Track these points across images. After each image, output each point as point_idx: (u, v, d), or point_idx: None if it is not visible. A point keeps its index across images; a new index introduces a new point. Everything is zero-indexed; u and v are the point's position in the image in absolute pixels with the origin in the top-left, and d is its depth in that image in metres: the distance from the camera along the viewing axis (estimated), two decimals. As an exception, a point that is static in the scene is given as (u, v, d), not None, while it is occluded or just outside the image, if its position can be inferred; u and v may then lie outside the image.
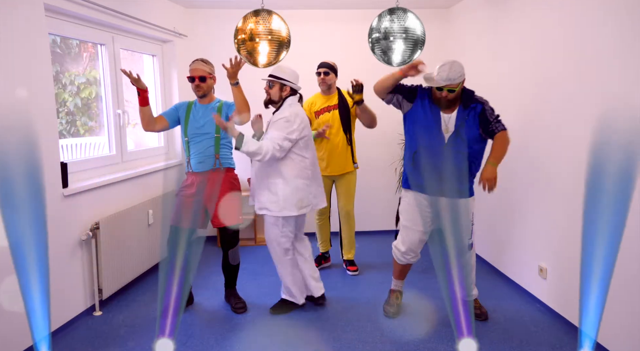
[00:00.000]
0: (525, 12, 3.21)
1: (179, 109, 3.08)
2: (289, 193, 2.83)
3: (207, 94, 3.01)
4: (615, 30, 2.36)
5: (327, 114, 3.59)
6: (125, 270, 3.33)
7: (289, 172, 2.83)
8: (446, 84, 2.56)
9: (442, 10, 4.70)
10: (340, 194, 3.73)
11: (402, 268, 3.05)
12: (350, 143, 3.64)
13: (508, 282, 3.51)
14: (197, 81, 2.94)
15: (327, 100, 3.62)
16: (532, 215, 3.18)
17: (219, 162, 2.98)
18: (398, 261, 2.99)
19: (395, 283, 3.11)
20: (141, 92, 2.88)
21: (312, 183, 2.94)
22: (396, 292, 3.11)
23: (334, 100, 3.61)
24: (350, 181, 3.70)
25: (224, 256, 3.08)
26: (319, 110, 3.62)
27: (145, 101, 2.91)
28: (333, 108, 3.59)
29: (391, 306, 3.04)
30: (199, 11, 4.58)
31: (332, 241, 4.03)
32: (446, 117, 2.68)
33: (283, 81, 2.84)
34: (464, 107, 2.66)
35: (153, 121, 2.99)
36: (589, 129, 2.54)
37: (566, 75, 2.76)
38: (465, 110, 2.66)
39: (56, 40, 3.10)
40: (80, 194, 2.96)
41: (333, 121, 3.57)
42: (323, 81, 3.55)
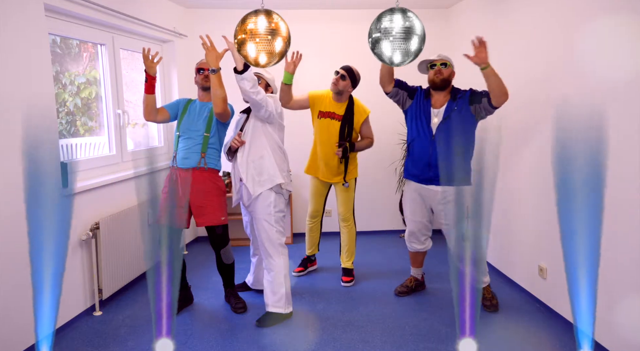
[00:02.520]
0: (525, 12, 3.21)
1: (179, 104, 3.12)
2: (274, 165, 2.92)
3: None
4: (615, 31, 2.36)
5: (330, 120, 3.37)
6: (125, 270, 3.33)
7: (268, 149, 2.92)
8: (439, 58, 2.91)
9: (442, 10, 4.70)
10: (338, 199, 3.58)
11: (413, 256, 3.30)
12: (346, 162, 3.40)
13: (508, 282, 3.51)
14: (206, 71, 2.98)
15: (336, 106, 3.38)
16: (532, 215, 3.18)
17: (204, 161, 2.96)
18: (409, 249, 3.26)
19: (412, 270, 3.38)
20: (149, 79, 2.88)
21: (285, 162, 3.03)
22: (412, 277, 3.38)
23: (342, 110, 3.36)
24: (347, 188, 3.52)
25: (217, 256, 3.08)
26: (324, 112, 3.39)
27: (152, 89, 2.91)
28: (337, 117, 3.36)
29: (402, 286, 3.35)
30: (199, 11, 4.58)
31: (328, 246, 3.99)
32: (436, 111, 2.92)
33: (269, 81, 3.07)
34: (453, 99, 2.89)
35: (155, 110, 2.99)
36: (588, 129, 2.54)
37: (566, 75, 2.76)
38: (454, 101, 2.88)
39: (56, 40, 3.10)
40: (80, 194, 2.96)
41: (331, 132, 3.37)
42: (336, 82, 3.30)
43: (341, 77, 3.30)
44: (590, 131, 1.20)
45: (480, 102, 2.80)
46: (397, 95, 3.02)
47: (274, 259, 2.91)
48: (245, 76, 2.63)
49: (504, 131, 3.55)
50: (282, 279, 2.92)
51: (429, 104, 2.95)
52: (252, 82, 2.67)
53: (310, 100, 3.44)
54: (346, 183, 3.47)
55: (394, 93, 3.02)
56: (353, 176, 3.53)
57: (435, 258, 4.03)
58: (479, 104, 2.80)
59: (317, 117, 3.43)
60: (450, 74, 2.94)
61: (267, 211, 2.90)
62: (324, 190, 3.64)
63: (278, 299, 2.92)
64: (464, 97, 2.87)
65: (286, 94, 3.23)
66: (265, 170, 2.90)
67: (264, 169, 2.90)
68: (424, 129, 2.92)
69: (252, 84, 2.67)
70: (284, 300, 2.93)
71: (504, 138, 3.55)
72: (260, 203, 2.91)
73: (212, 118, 2.97)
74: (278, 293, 2.91)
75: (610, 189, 2.42)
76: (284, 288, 2.92)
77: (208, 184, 2.97)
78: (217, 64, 2.74)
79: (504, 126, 3.53)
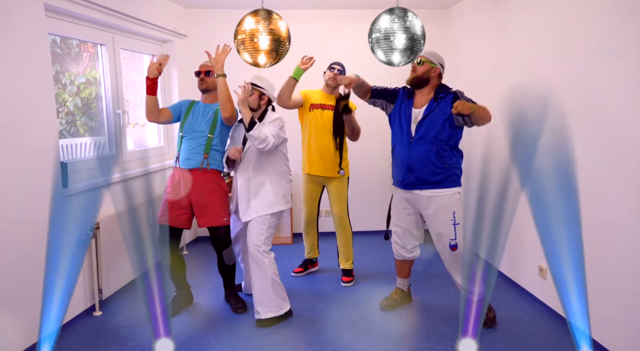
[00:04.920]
0: (524, 13, 3.21)
1: (183, 105, 3.12)
2: (277, 190, 2.94)
3: (211, 90, 3.03)
4: (615, 31, 2.36)
5: (321, 111, 3.47)
6: (125, 270, 3.33)
7: (276, 171, 2.96)
8: (419, 56, 2.80)
9: (442, 10, 4.70)
10: (331, 199, 3.58)
11: (400, 264, 3.13)
12: (340, 148, 3.49)
13: (508, 282, 3.51)
14: (202, 75, 3.00)
15: (327, 98, 3.50)
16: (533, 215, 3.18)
17: (207, 162, 2.96)
18: (395, 256, 3.10)
19: (398, 280, 3.19)
20: (148, 81, 2.88)
21: (287, 183, 3.06)
22: (397, 289, 3.18)
23: (332, 100, 3.49)
24: (339, 185, 3.54)
25: (219, 257, 3.08)
26: (315, 104, 3.49)
27: (153, 90, 2.91)
28: (329, 108, 3.48)
29: (386, 299, 3.14)
30: (199, 11, 4.58)
31: (328, 246, 3.97)
32: (416, 112, 2.81)
33: (262, 90, 2.93)
34: (435, 99, 2.78)
35: (157, 111, 2.99)
36: (588, 129, 2.55)
37: (565, 75, 2.76)
38: (436, 102, 2.77)
39: (56, 40, 3.10)
40: (80, 194, 2.96)
41: (324, 121, 3.46)
42: (334, 77, 3.39)
43: (339, 72, 3.45)
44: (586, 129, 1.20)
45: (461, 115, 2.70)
46: (375, 104, 3.01)
47: (259, 265, 2.86)
48: (251, 134, 2.72)
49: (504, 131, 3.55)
50: (268, 282, 2.86)
51: (410, 105, 2.85)
52: (261, 137, 2.73)
53: (303, 96, 3.53)
54: (342, 170, 3.50)
55: (372, 102, 3.02)
56: (346, 164, 3.56)
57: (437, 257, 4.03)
58: (460, 116, 2.68)
59: (309, 110, 3.51)
60: (427, 71, 2.77)
61: (260, 228, 2.89)
62: (317, 191, 3.64)
63: (267, 304, 2.88)
64: (446, 100, 2.73)
65: (290, 89, 3.25)
66: (266, 196, 2.92)
67: (264, 195, 2.92)
68: (403, 132, 2.82)
69: (262, 138, 2.73)
70: (274, 303, 2.89)
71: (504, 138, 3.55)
72: (252, 226, 2.91)
73: (216, 120, 2.99)
74: (265, 299, 2.87)
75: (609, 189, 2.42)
76: (272, 292, 2.87)
77: (211, 184, 2.97)
78: (222, 69, 2.81)
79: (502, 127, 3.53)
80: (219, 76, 2.81)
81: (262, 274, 2.85)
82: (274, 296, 2.88)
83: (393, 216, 3.04)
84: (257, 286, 2.88)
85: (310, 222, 3.70)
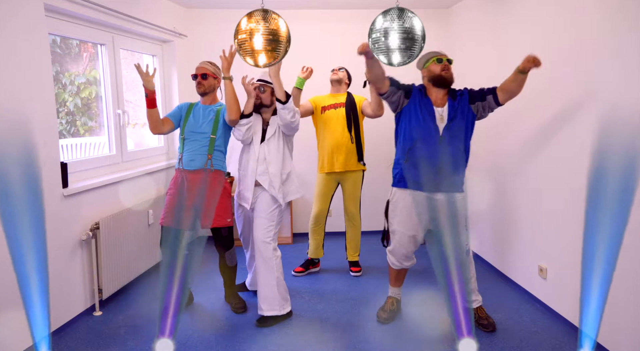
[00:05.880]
0: (525, 12, 3.21)
1: (181, 109, 3.11)
2: (295, 181, 3.06)
3: (209, 92, 3.02)
4: (615, 31, 2.36)
5: (334, 110, 3.62)
6: (125, 270, 3.33)
7: (288, 161, 3.03)
8: (443, 54, 2.76)
9: (442, 10, 4.70)
10: (346, 196, 3.71)
11: (397, 274, 3.00)
12: (357, 141, 3.62)
13: (508, 282, 3.51)
14: (199, 78, 3.00)
15: (336, 98, 3.65)
16: (533, 215, 3.18)
17: (211, 163, 2.97)
18: (393, 266, 2.95)
19: (392, 290, 3.06)
20: (149, 94, 2.86)
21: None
22: (392, 298, 3.04)
23: (341, 98, 3.64)
24: (356, 182, 3.68)
25: (221, 258, 3.08)
26: (327, 106, 3.63)
27: (153, 103, 2.90)
28: (340, 105, 3.62)
29: (384, 311, 2.97)
30: (199, 11, 4.58)
31: (328, 246, 3.99)
32: (440, 110, 2.71)
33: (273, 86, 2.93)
34: (453, 98, 2.74)
35: (160, 123, 2.99)
36: (589, 129, 2.55)
37: (565, 74, 2.76)
38: (455, 100, 2.73)
39: (56, 40, 3.10)
40: (80, 194, 2.96)
41: (339, 117, 3.59)
42: (335, 72, 3.65)
43: (339, 69, 3.70)
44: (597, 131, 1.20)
45: (485, 100, 2.69)
46: (394, 94, 2.72)
47: (266, 261, 2.87)
48: (287, 106, 2.75)
49: (504, 132, 3.55)
50: (274, 281, 2.87)
51: (430, 103, 2.70)
52: (293, 111, 2.77)
53: (312, 102, 3.67)
54: (362, 161, 3.64)
55: (390, 92, 2.71)
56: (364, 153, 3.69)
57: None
58: (483, 101, 2.69)
59: (321, 113, 3.65)
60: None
61: (269, 224, 2.90)
62: (332, 188, 3.72)
63: (271, 302, 2.89)
64: (464, 96, 2.72)
65: (297, 100, 3.31)
66: (292, 184, 3.04)
67: (290, 183, 3.04)
68: (430, 130, 2.64)
69: (293, 112, 2.77)
70: (278, 302, 2.90)
71: (504, 139, 3.55)
72: (267, 203, 2.92)
73: (218, 120, 2.98)
74: (269, 296, 2.88)
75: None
76: (277, 291, 2.89)
77: (214, 185, 2.98)
78: (228, 72, 2.84)
79: (503, 127, 3.53)
80: (225, 78, 2.83)
81: (269, 271, 2.87)
82: (278, 295, 2.89)
83: (398, 224, 2.81)
84: (262, 283, 2.89)
85: (320, 219, 3.75)
